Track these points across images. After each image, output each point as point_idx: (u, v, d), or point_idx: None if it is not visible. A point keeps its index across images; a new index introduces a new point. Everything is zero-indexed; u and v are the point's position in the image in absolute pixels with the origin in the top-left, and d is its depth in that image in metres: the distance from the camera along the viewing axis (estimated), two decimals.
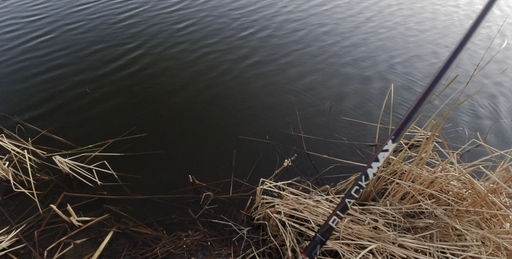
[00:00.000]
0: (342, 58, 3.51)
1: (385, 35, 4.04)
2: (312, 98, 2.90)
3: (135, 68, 3.13)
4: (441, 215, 1.33)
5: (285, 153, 2.33)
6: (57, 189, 2.00)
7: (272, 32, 3.91)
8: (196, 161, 2.23)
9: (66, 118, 2.54)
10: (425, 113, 2.56)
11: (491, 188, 1.36)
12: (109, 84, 2.90)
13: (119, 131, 2.42)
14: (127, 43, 3.50)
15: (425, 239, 1.25)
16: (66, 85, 2.86)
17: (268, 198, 1.73)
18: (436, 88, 0.98)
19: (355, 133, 2.56)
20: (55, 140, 2.32)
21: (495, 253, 1.13)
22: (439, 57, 3.63)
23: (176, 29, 3.82)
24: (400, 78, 3.24)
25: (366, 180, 1.05)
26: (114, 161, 2.14)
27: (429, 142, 1.58)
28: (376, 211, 1.49)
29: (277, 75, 3.16)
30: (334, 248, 1.24)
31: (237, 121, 2.60)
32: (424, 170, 1.65)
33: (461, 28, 4.33)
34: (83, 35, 3.61)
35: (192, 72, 3.13)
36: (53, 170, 2.08)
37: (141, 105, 2.71)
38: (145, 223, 1.81)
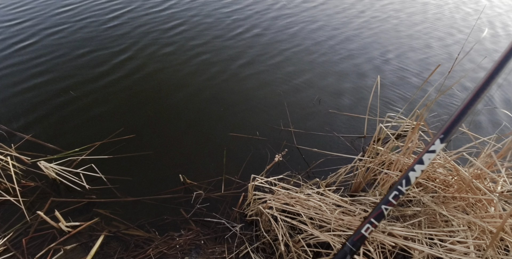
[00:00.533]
0: (330, 53, 3.51)
1: (374, 30, 4.06)
2: (300, 92, 2.91)
3: (122, 70, 3.06)
4: (428, 202, 1.36)
5: (275, 148, 2.34)
6: (44, 195, 1.95)
7: (261, 30, 3.88)
8: (186, 160, 2.21)
9: (50, 122, 2.47)
10: (411, 103, 2.60)
11: (475, 174, 1.40)
12: (95, 86, 2.83)
13: (106, 133, 2.37)
14: (114, 46, 3.41)
15: (413, 226, 1.28)
16: (49, 88, 2.78)
17: (260, 194, 1.73)
18: (491, 85, 0.83)
19: (344, 125, 2.58)
20: (39, 145, 2.26)
21: (480, 237, 1.17)
22: (429, 49, 3.68)
23: (164, 30, 3.74)
24: (388, 70, 3.28)
25: (407, 185, 0.92)
26: (102, 164, 2.10)
27: (415, 131, 1.61)
28: (366, 202, 1.51)
29: (265, 71, 3.15)
30: (326, 240, 1.26)
31: (226, 119, 2.58)
32: (411, 159, 1.68)
33: (452, 20, 4.39)
34: (67, 39, 3.49)
35: (181, 72, 3.08)
36: (39, 176, 2.03)
37: (129, 106, 2.66)
38: (137, 225, 1.79)
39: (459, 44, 3.77)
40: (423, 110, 1.60)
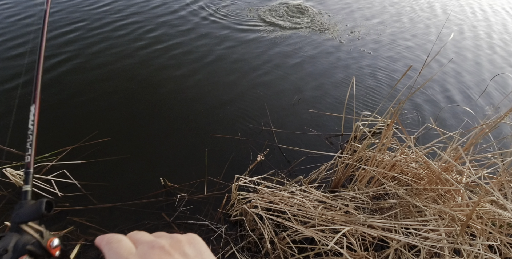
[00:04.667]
0: (306, 52, 3.60)
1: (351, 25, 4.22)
2: (280, 92, 2.95)
3: (93, 68, 2.92)
4: (403, 194, 1.45)
5: (257, 148, 2.35)
6: (11, 205, 1.80)
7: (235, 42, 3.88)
8: (166, 163, 2.16)
9: (13, 125, 2.29)
10: (385, 102, 2.74)
11: (443, 167, 1.51)
12: (63, 86, 2.67)
13: (78, 136, 2.25)
14: (83, 43, 3.24)
15: (390, 218, 1.35)
16: (10, 86, 2.57)
17: (244, 194, 1.74)
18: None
19: (322, 124, 2.66)
20: (3, 151, 2.09)
21: (451, 225, 1.26)
22: (403, 53, 3.89)
23: (141, 32, 3.62)
24: (362, 70, 3.43)
25: None
26: (75, 170, 1.98)
27: (389, 128, 1.70)
28: (346, 196, 1.57)
29: (245, 72, 3.16)
30: (311, 235, 1.29)
31: (207, 119, 2.56)
32: (386, 155, 1.77)
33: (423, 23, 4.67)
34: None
35: (155, 71, 3.00)
36: (5, 184, 1.87)
37: (102, 107, 2.54)
38: (116, 232, 1.71)
39: (421, 44, 4.03)
40: (396, 108, 1.70)
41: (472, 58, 3.95)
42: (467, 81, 3.48)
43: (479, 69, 3.74)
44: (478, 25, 4.83)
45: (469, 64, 3.82)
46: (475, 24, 4.84)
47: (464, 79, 3.52)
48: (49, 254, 0.37)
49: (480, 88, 3.36)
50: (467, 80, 3.50)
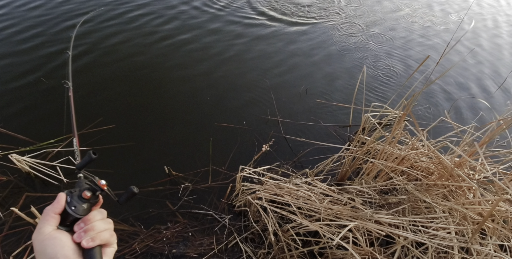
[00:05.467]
0: (316, 41, 3.47)
1: (363, 18, 4.03)
2: (287, 82, 2.86)
3: (99, 54, 2.86)
4: (412, 190, 1.40)
5: (263, 138, 2.31)
6: (17, 189, 1.82)
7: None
8: (171, 151, 2.14)
9: (20, 112, 2.28)
10: (398, 94, 2.64)
11: (456, 162, 1.45)
12: (62, 67, 2.63)
13: (83, 123, 2.23)
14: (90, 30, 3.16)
15: (398, 214, 1.32)
16: (16, 75, 2.55)
17: (248, 185, 1.72)
18: None
19: (330, 115, 2.59)
20: (9, 136, 2.09)
21: (461, 223, 1.23)
22: (420, 41, 3.72)
23: (151, 18, 3.51)
24: (375, 59, 3.29)
25: None
26: (80, 156, 1.98)
27: (401, 121, 1.63)
28: (353, 190, 1.54)
29: (251, 60, 3.06)
30: (316, 229, 1.27)
31: (212, 108, 2.51)
32: (396, 149, 1.72)
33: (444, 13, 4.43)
34: (38, 20, 3.19)
35: (162, 58, 2.93)
36: (11, 169, 1.89)
37: (107, 94, 2.50)
38: (120, 219, 1.73)
39: (439, 35, 3.84)
40: (410, 100, 1.62)
41: (492, 48, 3.75)
42: (485, 73, 3.32)
43: (499, 60, 3.55)
44: (501, 14, 4.55)
45: (488, 54, 3.63)
46: (499, 12, 4.57)
47: (481, 70, 3.36)
48: (101, 188, 0.54)
49: (499, 80, 3.20)
50: (485, 72, 3.34)
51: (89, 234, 0.48)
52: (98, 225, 0.50)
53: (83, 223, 0.50)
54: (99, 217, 0.52)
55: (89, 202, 0.52)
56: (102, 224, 0.51)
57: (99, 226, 0.50)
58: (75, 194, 0.52)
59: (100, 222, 0.51)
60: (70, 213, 0.50)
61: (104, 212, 0.54)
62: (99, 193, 0.54)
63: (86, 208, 0.52)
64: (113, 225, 0.54)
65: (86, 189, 0.52)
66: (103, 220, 0.52)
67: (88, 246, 0.48)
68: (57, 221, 0.49)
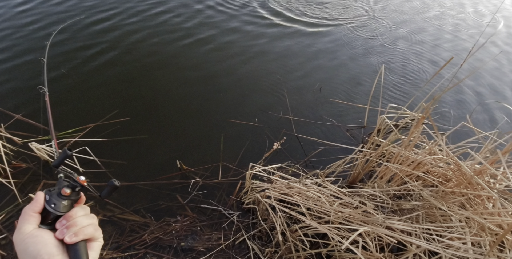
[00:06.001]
0: (333, 38, 3.39)
1: (386, 16, 3.90)
2: (301, 79, 2.82)
3: (116, 49, 2.91)
4: (428, 196, 1.36)
5: (274, 136, 2.29)
6: (36, 177, 1.90)
7: None
8: (183, 146, 2.16)
9: (41, 101, 2.36)
10: (417, 96, 2.54)
11: (476, 170, 1.39)
12: (88, 66, 2.70)
13: (100, 115, 2.29)
14: (108, 24, 3.22)
15: (411, 220, 1.28)
16: (37, 71, 2.63)
17: (258, 183, 1.71)
18: None
19: (344, 115, 2.53)
20: (30, 125, 2.17)
21: (479, 234, 1.17)
22: (442, 42, 3.57)
23: (161, 12, 3.53)
24: (394, 60, 3.19)
25: None
26: (96, 147, 2.04)
27: (419, 125, 1.57)
28: (364, 193, 1.50)
29: (264, 56, 3.03)
30: (324, 231, 1.25)
31: (224, 104, 2.51)
32: (412, 153, 1.66)
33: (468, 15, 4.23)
34: (60, 16, 3.28)
35: (178, 53, 2.95)
36: (30, 157, 1.97)
37: (123, 87, 2.55)
38: (132, 210, 1.77)
39: (462, 37, 3.65)
40: (430, 103, 1.56)
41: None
42: (510, 76, 3.15)
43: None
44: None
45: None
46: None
47: (506, 73, 3.18)
48: (80, 184, 0.53)
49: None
50: (510, 75, 3.17)
51: (71, 230, 0.48)
52: (80, 221, 0.50)
53: (65, 219, 0.50)
54: (81, 213, 0.51)
55: (70, 199, 0.52)
56: (85, 219, 0.51)
57: (81, 221, 0.50)
58: (54, 192, 0.51)
59: (83, 218, 0.51)
60: (50, 210, 0.50)
61: (86, 208, 0.54)
62: (79, 189, 0.54)
63: (67, 205, 0.51)
64: (97, 220, 0.53)
65: (65, 186, 0.52)
66: (85, 216, 0.52)
67: (72, 241, 0.47)
68: (37, 220, 0.49)
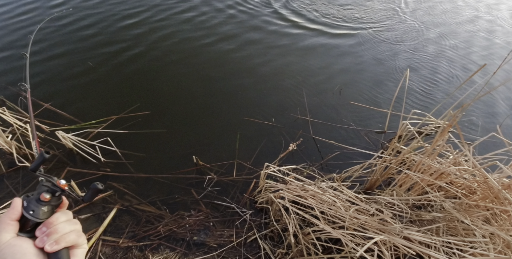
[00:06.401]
0: (358, 41, 3.30)
1: (411, 18, 3.77)
2: (321, 80, 2.78)
3: (141, 46, 2.98)
4: (450, 208, 1.30)
5: (290, 136, 2.28)
6: (61, 164, 1.99)
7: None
8: (199, 142, 2.20)
9: (69, 92, 2.47)
10: (444, 103, 2.44)
11: (505, 184, 1.31)
12: (114, 61, 2.79)
13: (122, 107, 2.36)
14: (133, 21, 3.31)
15: (431, 232, 1.23)
16: (70, 59, 2.75)
17: (272, 183, 1.71)
18: None
19: (364, 119, 2.47)
20: (58, 114, 2.28)
21: (504, 251, 1.11)
22: (474, 47, 3.40)
23: (185, 9, 3.58)
24: (422, 62, 3.07)
25: None
26: (117, 138, 2.11)
27: (445, 133, 1.51)
28: (382, 201, 1.46)
29: (285, 57, 3.01)
30: (338, 237, 1.23)
31: (242, 102, 2.52)
32: (435, 162, 1.60)
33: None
34: (94, 11, 3.41)
35: (199, 52, 2.98)
36: (57, 144, 2.06)
37: (145, 82, 2.62)
38: (148, 201, 1.82)
39: (499, 44, 3.45)
40: (458, 111, 1.49)
41: None
42: None
43: None
44: None
45: None
46: None
47: None
48: (61, 189, 0.51)
49: None
50: None
51: (52, 237, 0.46)
52: (62, 227, 0.47)
53: (45, 227, 0.47)
54: (63, 219, 0.49)
55: (50, 204, 0.49)
56: (67, 226, 0.48)
57: (63, 228, 0.47)
58: (32, 198, 0.48)
59: (64, 224, 0.48)
60: (29, 218, 0.47)
61: (69, 213, 0.51)
62: (60, 194, 0.51)
63: (47, 211, 0.49)
64: (80, 226, 0.51)
65: (44, 191, 0.49)
66: (67, 222, 0.49)
67: (52, 250, 0.45)
68: (15, 228, 0.46)
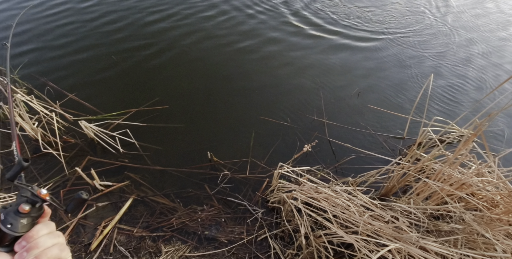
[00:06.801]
0: (381, 44, 3.23)
1: (436, 23, 3.64)
2: (340, 83, 2.73)
3: (161, 43, 3.03)
4: (470, 220, 1.25)
5: (305, 138, 2.26)
6: (82, 152, 2.07)
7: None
8: (215, 138, 2.22)
9: (92, 84, 2.56)
10: (469, 111, 2.35)
11: None
12: (136, 56, 2.85)
13: (141, 101, 2.42)
14: (153, 12, 3.38)
15: (449, 243, 1.19)
16: (95, 54, 2.84)
17: (285, 183, 1.71)
18: None
19: (383, 123, 2.42)
20: (81, 104, 2.37)
21: None
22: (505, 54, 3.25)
23: (206, 6, 3.62)
24: (448, 68, 2.97)
25: None
26: (136, 131, 2.16)
27: (469, 142, 1.45)
28: (398, 208, 1.43)
29: (305, 59, 2.98)
30: (351, 241, 1.22)
31: (259, 101, 2.52)
32: (456, 171, 1.54)
33: None
34: (118, 6, 3.50)
35: (220, 50, 2.99)
36: (79, 134, 2.15)
37: (165, 78, 2.67)
38: (163, 193, 1.86)
39: None
40: (484, 120, 1.43)
41: None
42: None
43: None
44: None
45: None
46: None
47: None
48: (41, 199, 0.46)
49: None
50: None
51: (32, 252, 0.42)
52: (43, 241, 0.44)
53: (24, 241, 0.44)
54: (44, 232, 0.45)
55: (30, 216, 0.45)
56: (49, 239, 0.45)
57: (44, 242, 0.44)
58: (10, 210, 0.44)
59: (46, 237, 0.45)
60: (6, 232, 0.43)
61: (51, 225, 0.47)
62: (40, 204, 0.46)
63: (27, 224, 0.45)
64: (63, 238, 0.47)
65: (23, 202, 0.45)
66: (49, 235, 0.45)
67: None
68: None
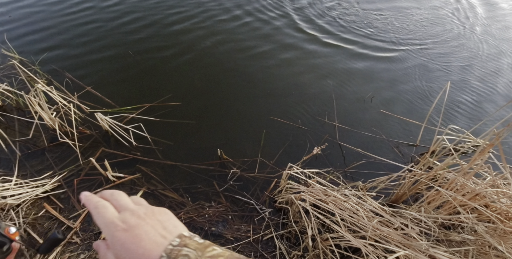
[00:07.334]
0: (402, 54, 3.19)
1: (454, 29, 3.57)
2: (352, 86, 2.71)
3: (181, 44, 3.06)
4: (483, 232, 1.23)
5: (315, 140, 2.26)
6: (97, 143, 2.12)
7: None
8: (225, 136, 2.24)
9: (109, 78, 2.62)
10: (486, 121, 2.29)
11: None
12: (152, 55, 2.89)
13: (155, 96, 2.47)
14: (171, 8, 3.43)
15: (459, 254, 1.17)
16: (115, 52, 2.88)
17: (294, 184, 1.71)
18: None
19: (395, 129, 2.39)
20: (97, 97, 2.43)
21: None
22: None
23: (222, 8, 3.65)
24: (467, 75, 2.91)
25: None
26: (149, 125, 2.21)
27: (485, 152, 1.42)
28: (408, 216, 1.41)
29: (319, 58, 2.97)
30: (358, 246, 1.21)
31: (271, 101, 2.53)
32: (470, 181, 1.51)
33: None
34: (134, 6, 3.58)
35: (235, 55, 2.99)
36: (94, 125, 2.20)
37: (180, 76, 2.71)
38: (172, 188, 1.89)
39: None
40: (503, 130, 1.39)
41: None
42: None
43: None
44: None
45: None
46: None
47: None
48: (9, 239, 0.42)
49: None
50: None
51: None
52: None
53: None
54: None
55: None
56: None
57: None
58: None
59: None
60: None
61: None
62: (8, 246, 0.42)
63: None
64: None
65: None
66: None
67: None
68: None
